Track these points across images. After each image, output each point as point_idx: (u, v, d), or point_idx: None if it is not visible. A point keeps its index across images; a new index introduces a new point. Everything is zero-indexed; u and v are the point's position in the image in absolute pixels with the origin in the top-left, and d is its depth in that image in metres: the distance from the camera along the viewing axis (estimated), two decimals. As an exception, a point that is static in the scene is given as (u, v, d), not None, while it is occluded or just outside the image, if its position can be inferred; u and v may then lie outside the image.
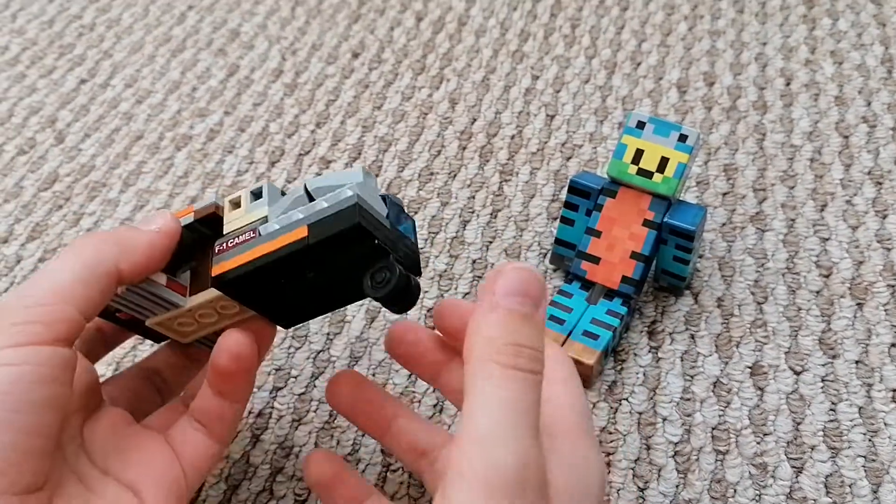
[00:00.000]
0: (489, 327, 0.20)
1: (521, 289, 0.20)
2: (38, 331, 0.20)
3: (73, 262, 0.22)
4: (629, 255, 0.33)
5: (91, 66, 0.50)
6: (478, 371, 0.19)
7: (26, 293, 0.21)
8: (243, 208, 0.25)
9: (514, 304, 0.20)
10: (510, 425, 0.19)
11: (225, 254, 0.24)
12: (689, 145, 0.33)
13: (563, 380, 0.24)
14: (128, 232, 0.24)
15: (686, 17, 0.50)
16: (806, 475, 0.30)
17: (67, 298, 0.21)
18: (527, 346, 0.20)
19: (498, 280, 0.20)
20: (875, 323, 0.34)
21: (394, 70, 0.48)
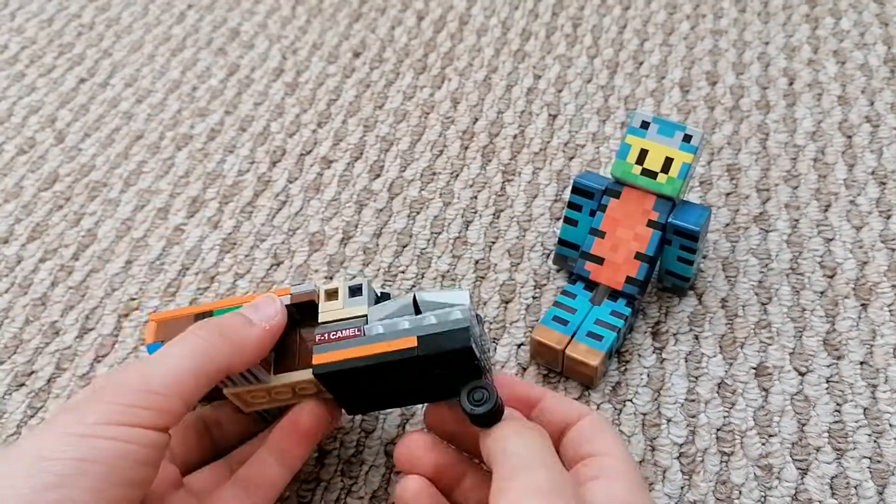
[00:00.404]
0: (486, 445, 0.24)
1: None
2: (150, 417, 0.22)
3: (192, 356, 0.23)
4: (633, 256, 0.33)
5: (90, 65, 0.49)
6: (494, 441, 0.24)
7: (144, 375, 0.23)
8: (340, 301, 0.27)
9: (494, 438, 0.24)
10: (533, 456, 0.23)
11: (327, 345, 0.26)
12: (693, 145, 0.32)
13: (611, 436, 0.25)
14: (241, 328, 0.25)
15: (688, 17, 0.50)
16: (811, 476, 0.30)
17: (180, 392, 0.23)
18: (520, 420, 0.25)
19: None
20: (880, 324, 0.34)
21: (395, 69, 0.48)
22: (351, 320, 0.26)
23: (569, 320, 0.33)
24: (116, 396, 0.22)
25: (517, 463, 0.22)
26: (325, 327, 0.26)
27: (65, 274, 0.38)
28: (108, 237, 0.40)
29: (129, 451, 0.21)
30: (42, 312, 0.36)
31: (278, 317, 0.26)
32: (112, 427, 0.21)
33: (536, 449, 0.23)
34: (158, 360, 0.23)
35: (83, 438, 0.21)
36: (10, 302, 0.37)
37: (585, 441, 0.25)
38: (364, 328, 0.25)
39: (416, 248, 0.38)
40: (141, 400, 0.22)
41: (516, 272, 0.37)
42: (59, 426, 0.21)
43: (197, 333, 0.24)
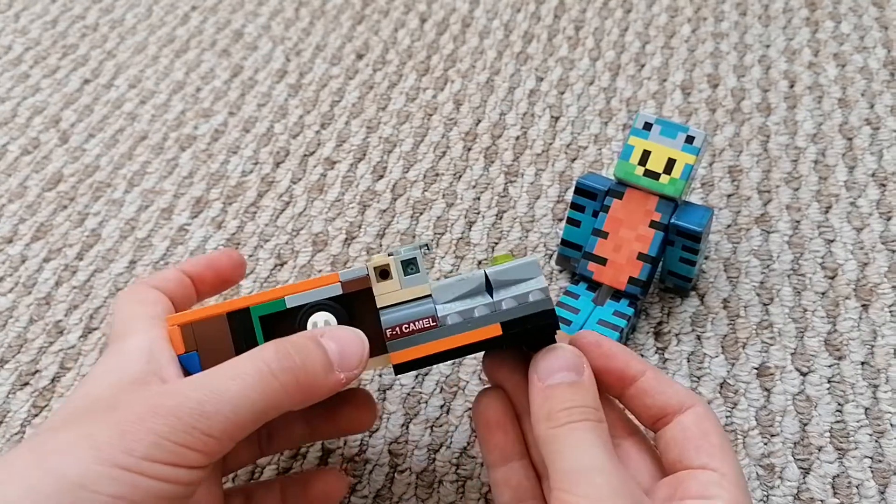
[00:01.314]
0: (542, 405, 0.22)
1: (559, 365, 0.23)
2: (198, 459, 0.20)
3: (257, 395, 0.21)
4: (636, 257, 0.33)
5: (95, 66, 0.50)
6: (546, 439, 0.22)
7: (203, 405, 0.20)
8: (396, 280, 0.24)
9: (555, 379, 0.23)
10: (590, 458, 0.21)
11: (401, 340, 0.23)
12: (695, 147, 0.33)
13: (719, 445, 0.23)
14: (320, 376, 0.22)
15: (689, 20, 0.50)
16: (813, 476, 0.30)
17: (234, 434, 0.21)
18: (576, 406, 0.22)
19: (537, 366, 0.23)
20: (880, 324, 0.34)
21: (398, 71, 0.48)
22: (415, 303, 0.24)
23: (572, 320, 0.33)
24: (168, 430, 0.20)
25: (573, 466, 0.21)
26: (391, 317, 0.24)
27: (69, 273, 0.38)
28: (112, 237, 0.40)
29: (168, 490, 0.20)
30: (46, 312, 0.37)
31: (360, 369, 0.23)
32: (158, 466, 0.20)
33: (594, 453, 0.21)
34: (216, 391, 0.20)
35: (127, 473, 0.19)
36: (14, 301, 0.37)
37: (690, 447, 0.23)
38: (438, 317, 0.23)
39: (419, 248, 0.38)
40: (194, 441, 0.20)
41: (519, 273, 0.37)
42: (105, 451, 0.19)
43: (269, 366, 0.21)
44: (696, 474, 0.22)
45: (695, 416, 0.23)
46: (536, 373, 0.23)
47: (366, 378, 0.33)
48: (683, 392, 0.24)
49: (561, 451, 0.22)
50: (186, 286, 0.26)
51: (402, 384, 0.33)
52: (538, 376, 0.23)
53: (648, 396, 0.24)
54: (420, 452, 0.31)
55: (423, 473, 0.30)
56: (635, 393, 0.24)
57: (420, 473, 0.30)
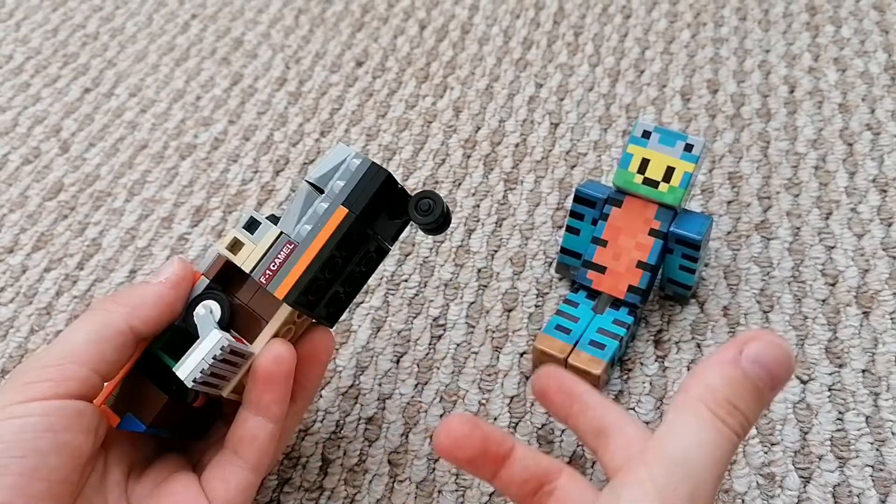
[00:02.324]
0: (720, 378, 0.21)
1: (771, 364, 0.21)
2: (46, 388, 0.22)
3: (85, 326, 0.24)
4: (635, 265, 0.33)
5: (95, 75, 0.50)
6: (690, 407, 0.21)
7: (41, 356, 0.23)
8: (248, 242, 0.25)
9: (755, 371, 0.21)
10: (700, 464, 0.20)
11: (275, 277, 0.25)
12: (694, 155, 0.33)
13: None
14: (137, 289, 0.25)
15: (689, 25, 0.50)
16: (814, 485, 0.30)
17: (78, 359, 0.23)
18: (742, 411, 0.21)
19: (753, 344, 0.21)
20: (881, 332, 0.34)
21: (397, 78, 0.48)
22: (274, 245, 0.25)
23: (571, 329, 0.33)
24: (13, 380, 0.23)
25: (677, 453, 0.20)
26: (259, 267, 0.25)
27: (69, 283, 0.38)
28: (113, 246, 0.40)
29: (26, 423, 0.22)
30: (47, 322, 0.37)
31: (178, 271, 0.25)
32: (8, 408, 0.22)
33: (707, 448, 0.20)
34: (53, 342, 0.24)
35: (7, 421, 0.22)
36: (15, 311, 0.37)
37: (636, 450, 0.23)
38: (292, 239, 0.25)
39: (418, 256, 0.38)
40: (33, 376, 0.23)
41: (518, 281, 0.37)
42: None
43: (92, 306, 0.25)
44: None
45: (634, 427, 0.24)
46: (741, 345, 0.21)
47: (365, 387, 0.33)
48: (620, 409, 0.25)
49: (676, 432, 0.20)
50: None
51: (402, 393, 0.33)
52: (740, 349, 0.21)
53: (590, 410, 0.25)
54: (420, 462, 0.31)
55: (423, 483, 0.30)
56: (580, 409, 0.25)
57: (420, 483, 0.30)
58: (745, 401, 0.21)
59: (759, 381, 0.21)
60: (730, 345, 0.21)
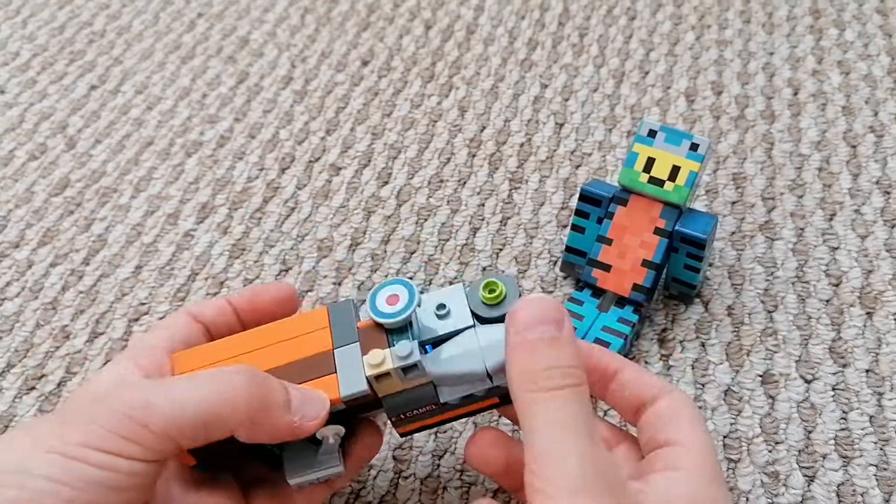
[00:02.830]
0: (519, 363, 0.21)
1: (538, 318, 0.21)
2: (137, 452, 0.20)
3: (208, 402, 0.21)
4: (640, 263, 0.33)
5: (101, 72, 0.50)
6: (523, 405, 0.21)
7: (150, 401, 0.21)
8: (396, 380, 0.24)
9: (534, 334, 0.21)
10: (565, 439, 0.20)
11: (404, 421, 0.25)
12: (700, 154, 0.33)
13: (689, 421, 0.23)
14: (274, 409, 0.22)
15: (693, 27, 0.50)
16: (818, 484, 0.30)
17: (177, 435, 0.21)
18: (557, 366, 0.21)
19: (515, 318, 0.22)
20: (885, 332, 0.34)
21: (403, 78, 0.48)
22: (417, 388, 0.24)
23: (576, 327, 0.33)
24: (108, 419, 0.20)
25: (546, 447, 0.20)
26: (394, 405, 0.24)
27: (75, 278, 0.38)
28: (119, 242, 0.40)
29: (107, 478, 0.20)
30: (53, 316, 0.37)
31: (314, 423, 0.23)
32: (94, 452, 0.20)
33: (571, 432, 0.20)
34: (169, 392, 0.21)
35: (61, 458, 0.20)
36: (21, 306, 0.37)
37: (661, 427, 0.22)
38: (440, 402, 0.24)
39: (423, 254, 0.39)
40: (131, 432, 0.20)
41: (523, 279, 0.37)
42: (41, 440, 0.20)
43: (232, 380, 0.22)
44: (662, 451, 0.22)
45: (667, 403, 0.23)
46: (513, 325, 0.22)
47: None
48: (659, 382, 0.24)
49: (535, 427, 0.20)
50: (227, 315, 0.27)
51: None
52: (514, 329, 0.21)
53: (627, 389, 0.24)
54: (424, 458, 0.31)
55: (428, 479, 0.30)
56: (616, 387, 0.24)
57: (424, 479, 0.30)
58: (550, 357, 0.21)
59: (543, 335, 0.21)
60: (507, 337, 0.22)
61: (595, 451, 0.20)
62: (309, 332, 0.25)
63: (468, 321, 0.24)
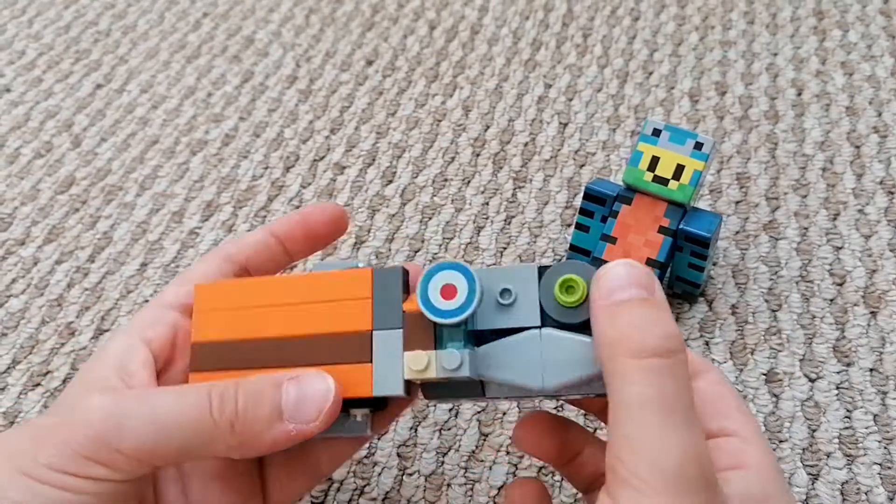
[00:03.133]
0: (609, 327, 0.18)
1: (628, 280, 0.19)
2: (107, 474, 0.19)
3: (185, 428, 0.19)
4: (644, 262, 0.33)
5: (107, 71, 0.50)
6: (612, 376, 0.18)
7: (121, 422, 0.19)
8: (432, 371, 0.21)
9: (625, 294, 0.18)
10: (663, 425, 0.17)
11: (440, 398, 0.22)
12: (704, 153, 0.33)
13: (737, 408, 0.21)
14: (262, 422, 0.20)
15: (697, 28, 0.51)
16: (822, 482, 0.30)
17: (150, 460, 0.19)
18: (654, 329, 0.18)
19: (600, 282, 0.19)
20: (889, 331, 0.34)
21: (407, 77, 0.49)
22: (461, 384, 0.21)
23: (580, 325, 0.33)
24: (77, 440, 0.19)
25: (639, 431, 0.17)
26: (433, 392, 0.22)
27: (81, 276, 0.38)
28: (124, 240, 0.40)
29: (73, 500, 0.19)
30: (58, 313, 0.37)
31: (319, 422, 0.20)
32: (61, 476, 0.19)
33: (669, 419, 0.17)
34: (141, 411, 0.19)
35: (30, 481, 0.19)
36: (26, 303, 0.37)
37: (710, 411, 0.21)
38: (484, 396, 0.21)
39: (428, 253, 0.39)
40: (101, 455, 0.19)
41: (527, 277, 0.37)
42: (14, 459, 0.19)
43: (212, 402, 0.20)
44: (720, 443, 0.20)
45: (708, 382, 0.21)
46: (599, 290, 0.19)
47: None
48: (697, 359, 0.22)
49: (628, 404, 0.17)
50: (272, 250, 0.24)
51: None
52: (600, 294, 0.19)
53: None
54: (429, 455, 0.31)
55: (432, 476, 0.31)
56: None
57: (429, 476, 0.31)
58: (642, 319, 0.18)
59: (633, 296, 0.18)
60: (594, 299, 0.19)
61: (695, 442, 0.17)
62: (348, 300, 0.21)
63: (535, 320, 0.20)
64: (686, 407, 0.18)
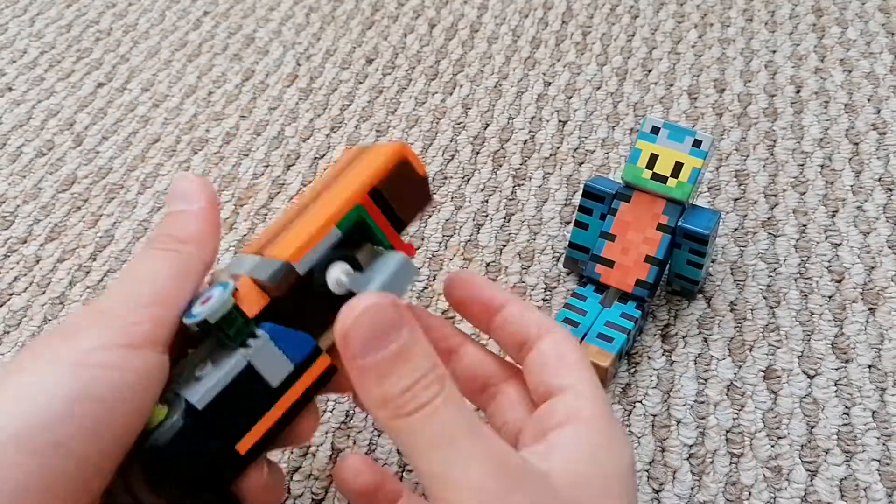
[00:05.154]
0: (371, 393, 0.19)
1: (373, 334, 0.19)
2: (148, 330, 0.19)
3: (166, 267, 0.21)
4: (643, 259, 0.33)
5: (108, 69, 0.50)
6: (395, 434, 0.19)
7: (134, 291, 0.20)
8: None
9: (375, 357, 0.19)
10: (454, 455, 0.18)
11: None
12: (703, 150, 0.33)
13: (574, 363, 0.22)
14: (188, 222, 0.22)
15: (696, 25, 0.51)
16: (820, 478, 0.30)
17: (171, 300, 0.20)
18: (414, 382, 0.19)
19: (347, 341, 0.19)
20: (887, 328, 0.34)
21: (407, 76, 0.49)
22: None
23: (579, 322, 0.33)
24: (109, 316, 0.19)
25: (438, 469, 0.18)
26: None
27: (83, 274, 0.39)
28: (126, 238, 0.40)
29: (126, 381, 0.19)
30: (60, 311, 0.37)
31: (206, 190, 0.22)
32: (108, 352, 0.19)
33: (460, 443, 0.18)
34: (137, 273, 0.21)
35: (77, 368, 0.18)
36: (28, 301, 0.38)
37: (549, 370, 0.22)
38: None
39: (427, 250, 0.39)
40: (137, 315, 0.19)
41: (527, 275, 0.37)
42: (48, 350, 0.19)
43: (157, 243, 0.21)
44: (554, 402, 0.21)
45: (552, 341, 0.22)
46: (348, 349, 0.19)
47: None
48: (544, 319, 0.23)
49: (418, 450, 0.19)
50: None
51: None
52: (352, 353, 0.19)
53: (512, 324, 0.23)
54: (429, 452, 0.31)
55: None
56: (500, 323, 0.23)
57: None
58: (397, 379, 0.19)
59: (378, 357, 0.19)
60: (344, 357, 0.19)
61: (488, 450, 0.19)
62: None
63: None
64: (469, 427, 0.19)
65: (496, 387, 0.24)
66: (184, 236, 0.21)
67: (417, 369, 0.19)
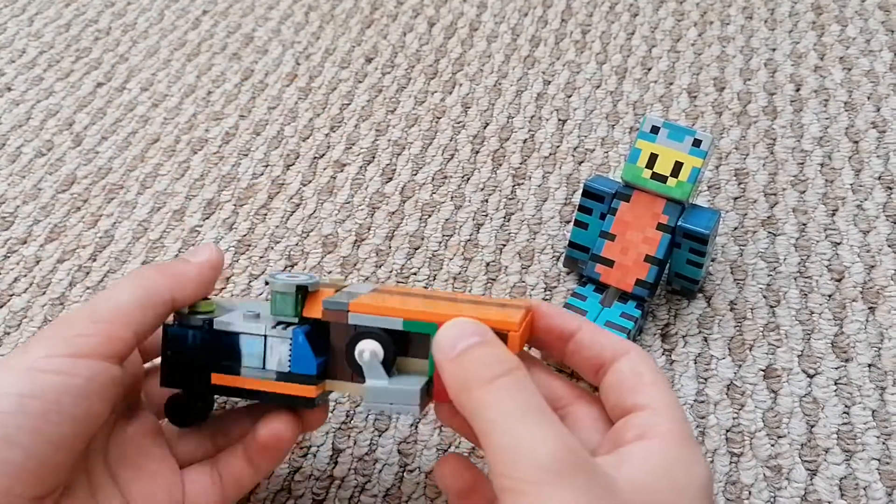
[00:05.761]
0: (455, 375, 0.21)
1: (459, 335, 0.22)
2: (96, 344, 0.22)
3: (133, 289, 0.24)
4: (643, 259, 0.33)
5: (107, 69, 0.50)
6: (472, 407, 0.21)
7: (91, 310, 0.23)
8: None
9: (461, 345, 0.21)
10: (524, 427, 0.19)
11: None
12: (703, 150, 0.33)
13: (651, 382, 0.23)
14: (179, 265, 0.26)
15: (696, 23, 0.51)
16: (820, 477, 0.30)
17: (126, 320, 0.23)
18: (491, 359, 0.21)
19: (439, 345, 0.22)
20: (887, 327, 0.34)
21: (407, 75, 0.49)
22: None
23: (579, 322, 0.33)
24: (61, 329, 0.22)
25: (506, 440, 0.19)
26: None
27: (82, 274, 0.39)
28: (125, 238, 0.40)
29: (72, 385, 0.21)
30: (60, 312, 0.37)
31: (215, 256, 0.26)
32: (55, 359, 0.21)
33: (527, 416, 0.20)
34: (102, 295, 0.24)
35: (29, 372, 0.21)
36: (28, 302, 0.38)
37: (625, 391, 0.22)
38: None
39: (427, 250, 0.39)
40: (85, 328, 0.22)
41: (527, 274, 0.37)
42: (7, 361, 0.22)
43: (137, 272, 0.25)
44: (631, 418, 0.22)
45: (629, 362, 0.23)
46: (440, 351, 0.22)
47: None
48: (618, 341, 0.24)
49: (492, 420, 0.20)
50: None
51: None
52: (442, 353, 0.22)
53: (586, 349, 0.24)
54: (429, 452, 0.31)
55: (433, 473, 0.31)
56: (575, 348, 0.24)
57: (429, 473, 0.31)
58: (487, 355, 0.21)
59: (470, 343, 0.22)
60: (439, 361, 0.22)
61: (557, 432, 0.19)
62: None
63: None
64: (539, 407, 0.20)
65: (564, 409, 0.24)
66: (167, 272, 0.25)
67: (495, 353, 0.21)
